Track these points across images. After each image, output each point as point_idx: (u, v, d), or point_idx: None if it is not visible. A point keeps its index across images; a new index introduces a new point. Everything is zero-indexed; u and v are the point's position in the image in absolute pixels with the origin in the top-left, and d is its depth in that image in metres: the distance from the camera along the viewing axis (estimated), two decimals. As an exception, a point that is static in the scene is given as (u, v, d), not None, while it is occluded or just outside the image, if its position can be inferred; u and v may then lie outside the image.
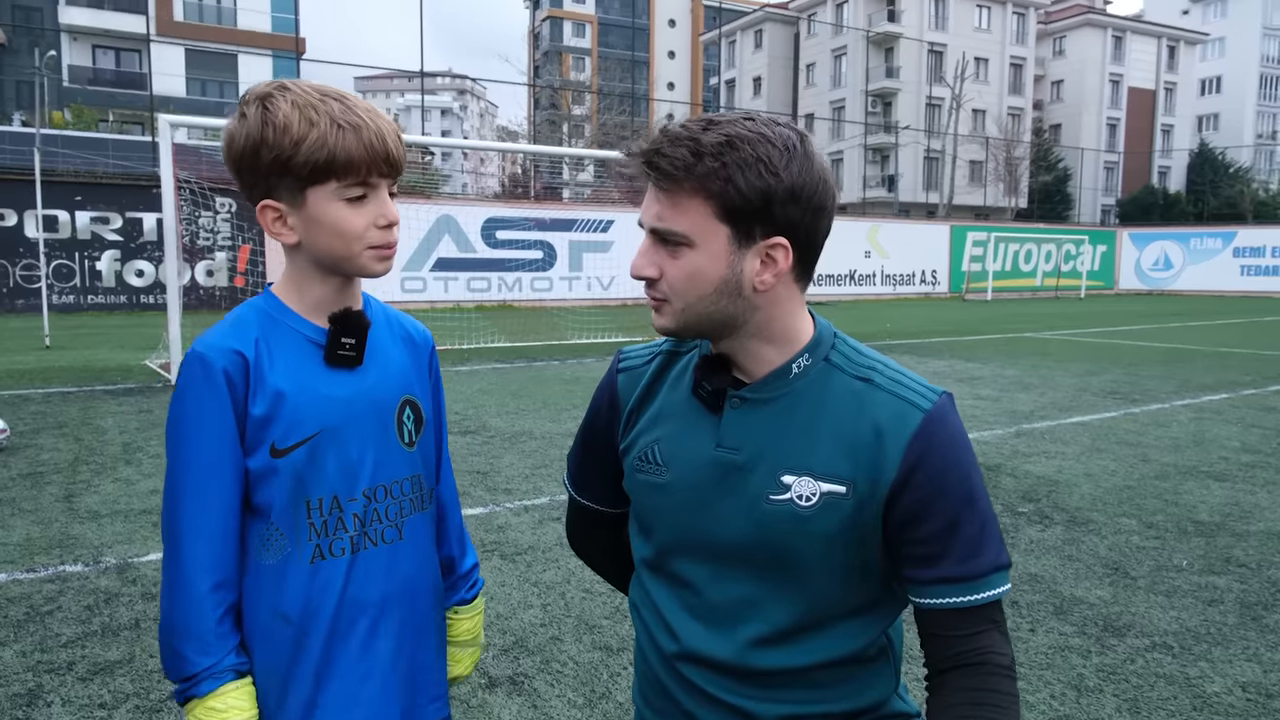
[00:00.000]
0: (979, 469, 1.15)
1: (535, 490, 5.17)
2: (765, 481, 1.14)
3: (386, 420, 1.28)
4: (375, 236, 1.19)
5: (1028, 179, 50.36)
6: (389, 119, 1.21)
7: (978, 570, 1.11)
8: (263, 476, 1.20)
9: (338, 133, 1.14)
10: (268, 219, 1.19)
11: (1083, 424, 7.33)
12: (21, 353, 11.34)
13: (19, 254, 18.25)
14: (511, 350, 12.56)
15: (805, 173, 1.08)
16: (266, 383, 1.19)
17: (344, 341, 1.23)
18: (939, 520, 1.10)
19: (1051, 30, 59.40)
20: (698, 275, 1.09)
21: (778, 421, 1.15)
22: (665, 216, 1.09)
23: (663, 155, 1.06)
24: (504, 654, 3.08)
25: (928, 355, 12.44)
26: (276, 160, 1.14)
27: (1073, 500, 5.03)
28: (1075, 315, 21.76)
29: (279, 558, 1.21)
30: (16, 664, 2.94)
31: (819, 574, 1.15)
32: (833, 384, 1.16)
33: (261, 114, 1.14)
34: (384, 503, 1.27)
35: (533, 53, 66.72)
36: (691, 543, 1.20)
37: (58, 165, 20.90)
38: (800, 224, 1.09)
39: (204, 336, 1.21)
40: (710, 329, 1.14)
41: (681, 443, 1.20)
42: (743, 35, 61.88)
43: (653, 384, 1.28)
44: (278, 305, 1.24)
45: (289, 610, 1.21)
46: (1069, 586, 3.72)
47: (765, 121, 1.09)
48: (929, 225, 32.83)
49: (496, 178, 52.50)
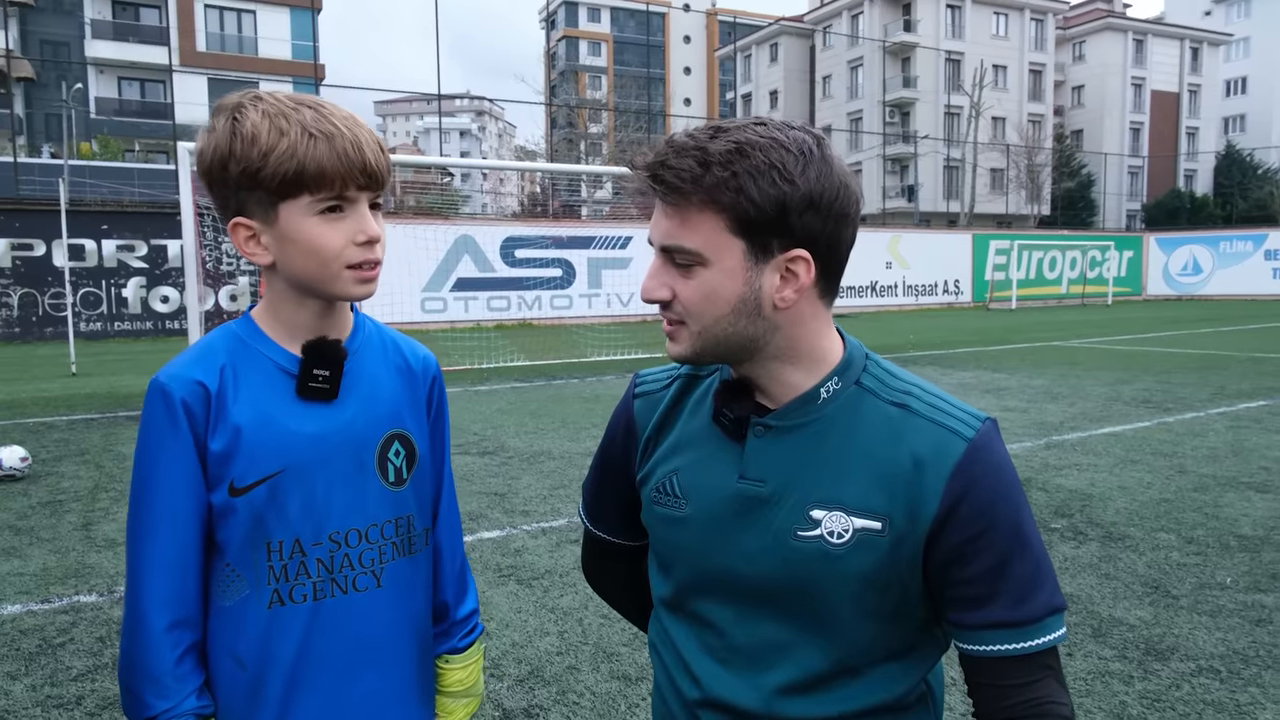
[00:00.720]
0: (1028, 502, 1.05)
1: (553, 512, 5.08)
2: (793, 516, 1.05)
3: (365, 458, 1.18)
4: (354, 254, 1.10)
5: (1050, 186, 49.87)
6: (369, 128, 1.13)
7: (1031, 614, 1.00)
8: (222, 515, 1.12)
9: (309, 142, 1.06)
10: (240, 238, 1.11)
11: (1115, 435, 7.14)
12: (48, 380, 11.45)
13: (48, 283, 18.51)
14: (531, 369, 12.51)
15: (823, 178, 0.99)
16: (228, 415, 1.11)
17: (316, 373, 1.15)
18: (986, 559, 1.00)
19: (1070, 35, 58.97)
20: (713, 295, 1.00)
21: (805, 451, 1.06)
22: (675, 233, 1.00)
23: (668, 167, 0.98)
24: (519, 684, 2.99)
25: (953, 366, 12.25)
26: (245, 173, 1.06)
27: (1107, 515, 4.87)
28: (1103, 322, 21.43)
29: (236, 599, 1.14)
30: (26, 699, 2.89)
31: (852, 616, 1.05)
32: (865, 410, 1.06)
33: (230, 125, 1.07)
34: (357, 548, 1.17)
35: (549, 72, 67.18)
36: (713, 581, 1.11)
37: (85, 195, 21.26)
38: (821, 234, 1.00)
39: (168, 365, 1.14)
40: (729, 353, 1.05)
41: (702, 474, 1.11)
42: (758, 49, 61.97)
43: (671, 410, 1.19)
44: (253, 330, 1.16)
45: (244, 655, 1.14)
46: (1107, 607, 3.58)
47: (778, 125, 1.00)
48: (951, 234, 32.56)
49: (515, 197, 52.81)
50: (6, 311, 18.35)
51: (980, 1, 52.37)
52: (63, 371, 12.11)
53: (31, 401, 9.54)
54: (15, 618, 3.59)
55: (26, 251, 18.47)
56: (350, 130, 1.09)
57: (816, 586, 1.04)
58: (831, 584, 1.03)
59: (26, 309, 18.48)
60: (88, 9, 36.95)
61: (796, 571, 1.04)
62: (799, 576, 1.04)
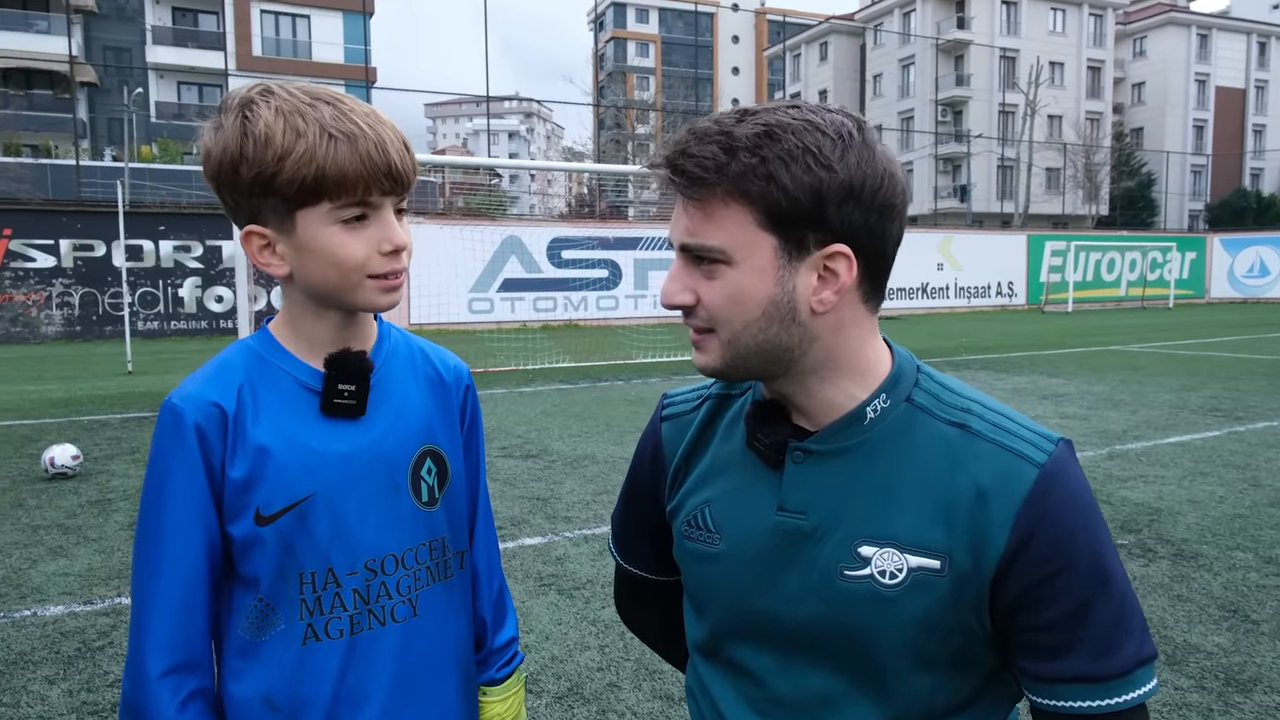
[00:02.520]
0: (1110, 536, 0.91)
1: (596, 518, 4.98)
2: (839, 553, 0.92)
3: (398, 478, 1.09)
4: (377, 264, 1.00)
5: (1108, 185, 48.57)
6: (392, 124, 1.02)
7: (1118, 667, 0.87)
8: (249, 546, 1.03)
9: (329, 144, 0.95)
10: (253, 247, 1.02)
11: (1182, 444, 6.82)
12: (104, 378, 11.69)
13: (107, 283, 18.98)
14: (575, 370, 12.45)
15: (865, 164, 0.86)
16: (248, 438, 1.02)
17: (341, 388, 1.05)
18: (1064, 603, 0.87)
19: (1131, 31, 57.39)
20: (740, 297, 0.88)
21: (851, 479, 0.93)
22: (697, 230, 0.88)
23: (689, 156, 0.86)
24: (558, 701, 2.89)
25: (1007, 371, 11.91)
26: (258, 178, 0.96)
27: (1178, 531, 4.62)
28: (1164, 326, 20.73)
29: (268, 635, 1.04)
30: (62, 704, 2.87)
31: (908, 666, 0.92)
32: (919, 431, 0.93)
33: (240, 124, 0.97)
34: (394, 575, 1.08)
35: (597, 74, 67.34)
36: (751, 625, 0.98)
37: (145, 197, 21.82)
38: (863, 227, 0.87)
39: (183, 384, 1.04)
40: (762, 365, 0.92)
41: (736, 505, 0.99)
42: (807, 48, 61.40)
43: (701, 433, 1.06)
44: (272, 345, 1.07)
45: (277, 696, 1.04)
46: (1181, 632, 3.36)
47: (813, 108, 0.88)
48: (1004, 235, 31.86)
49: (563, 198, 53.03)
50: (68, 310, 18.85)
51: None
52: (119, 369, 12.37)
53: (88, 399, 9.73)
54: (57, 619, 3.59)
55: (87, 252, 18.96)
56: (373, 129, 0.98)
57: (867, 633, 0.91)
58: (884, 630, 0.90)
59: (87, 308, 18.97)
60: (149, 15, 37.95)
61: (844, 616, 0.92)
62: (847, 621, 0.92)
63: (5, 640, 3.37)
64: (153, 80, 37.63)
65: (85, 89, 36.55)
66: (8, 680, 3.03)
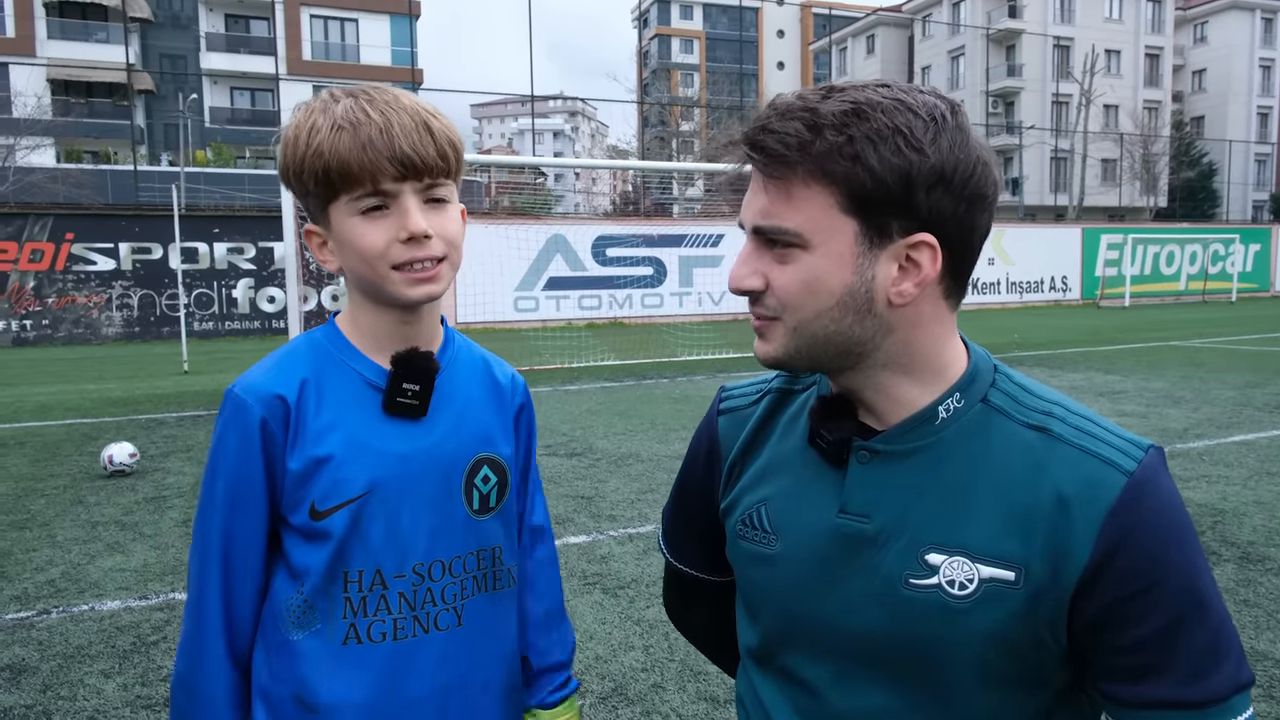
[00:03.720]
0: (1203, 551, 0.84)
1: (640, 517, 4.96)
2: (904, 560, 0.87)
3: (453, 483, 1.07)
4: (398, 253, 0.99)
5: (1167, 176, 47.18)
6: (418, 109, 1.01)
7: (1214, 692, 0.80)
8: (302, 539, 1.03)
9: (335, 136, 0.95)
10: (314, 245, 1.05)
11: (1247, 443, 6.58)
12: (161, 377, 11.99)
13: (164, 284, 19.47)
14: (620, 368, 12.45)
15: (958, 149, 0.81)
16: (309, 432, 1.01)
17: (406, 388, 1.04)
18: (1152, 622, 0.81)
19: (1191, 16, 55.65)
20: (815, 284, 0.83)
21: (920, 482, 0.88)
22: (773, 211, 0.83)
23: (770, 132, 0.81)
24: (602, 701, 2.86)
25: (1062, 367, 11.62)
26: (295, 178, 1.01)
27: (1243, 533, 4.45)
28: (1227, 321, 20.07)
29: (306, 633, 1.03)
30: (117, 698, 2.92)
31: (975, 684, 0.86)
32: (995, 434, 0.88)
33: (287, 139, 1.01)
34: (441, 582, 1.06)
35: (641, 71, 67.32)
36: (807, 633, 0.94)
37: (200, 201, 22.35)
38: (951, 217, 0.82)
39: (248, 374, 1.04)
40: (830, 358, 0.88)
41: (795, 505, 0.94)
42: (854, 41, 60.65)
43: (760, 429, 1.02)
44: (338, 338, 1.07)
45: (310, 697, 1.03)
46: (1248, 638, 3.23)
47: (904, 87, 0.83)
48: (1058, 229, 31.12)
49: (607, 196, 53.13)
50: (127, 312, 19.38)
51: (1091, -16, 49.94)
52: (175, 369, 12.67)
53: (145, 398, 9.98)
54: (113, 614, 3.67)
55: (145, 255, 19.47)
56: (382, 116, 0.97)
57: (932, 646, 0.86)
58: (950, 644, 0.85)
59: (145, 309, 19.49)
60: (203, 23, 38.88)
61: (907, 627, 0.86)
62: (910, 633, 0.86)
63: (64, 634, 3.45)
64: (206, 86, 38.55)
65: (142, 96, 37.54)
66: (65, 674, 3.10)
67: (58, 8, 34.71)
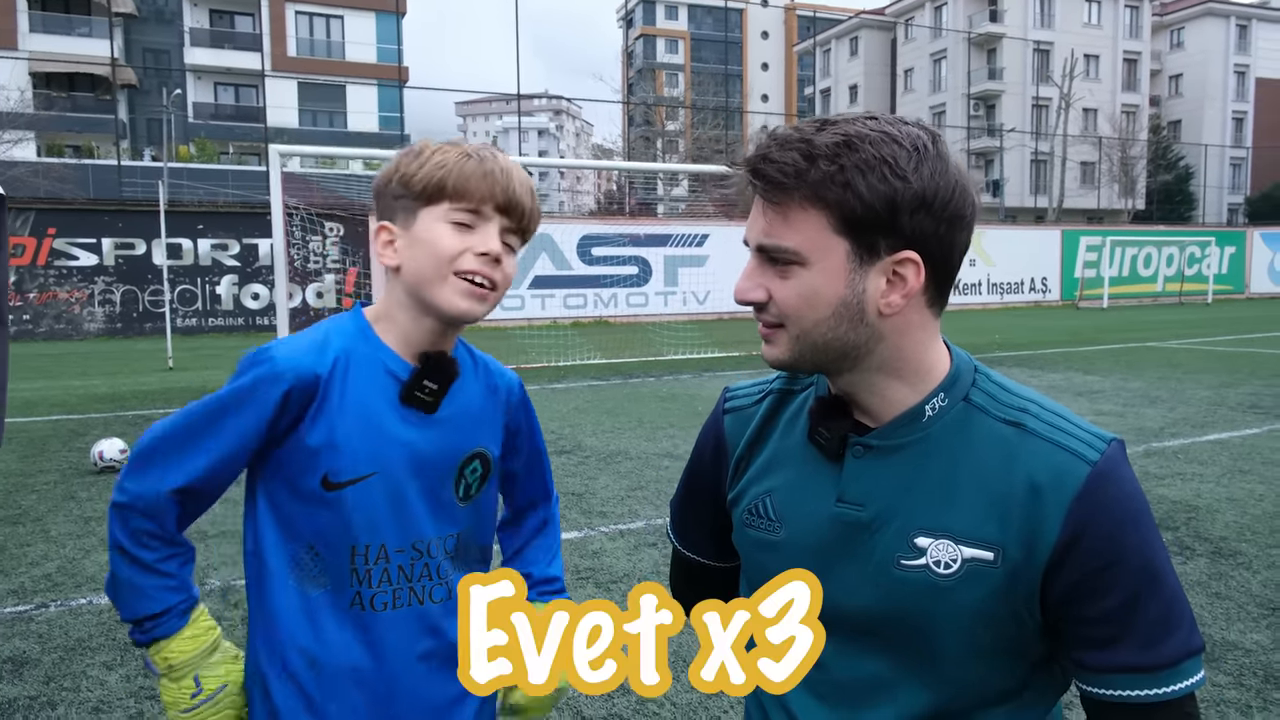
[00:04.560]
0: (1159, 533, 0.94)
1: (631, 514, 5.04)
2: (895, 543, 0.97)
3: (449, 472, 1.20)
4: (468, 262, 1.13)
5: (1145, 179, 47.77)
6: (526, 176, 1.18)
7: (1166, 657, 0.91)
8: (311, 503, 1.13)
9: (463, 161, 1.13)
10: (380, 241, 1.17)
11: (1221, 442, 6.75)
12: (146, 374, 11.95)
13: (147, 280, 19.36)
14: (607, 367, 12.53)
15: (938, 176, 0.91)
16: (331, 409, 1.12)
17: (426, 384, 1.17)
18: (1114, 596, 0.91)
19: (1168, 22, 56.35)
20: (812, 296, 0.93)
21: (909, 473, 0.98)
22: (773, 231, 0.93)
23: (770, 161, 0.91)
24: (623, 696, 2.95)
25: (1041, 367, 11.80)
26: (403, 180, 1.14)
27: (1216, 529, 4.59)
28: (1203, 322, 20.40)
29: (317, 593, 1.15)
30: (120, 689, 2.98)
31: (960, 654, 0.96)
32: (975, 429, 0.97)
33: (408, 152, 1.18)
34: (436, 559, 1.19)
35: (626, 71, 67.39)
36: None
37: (183, 196, 22.21)
38: (933, 236, 0.92)
39: (285, 343, 1.14)
40: (829, 360, 0.97)
41: (797, 495, 1.04)
42: (837, 43, 60.98)
43: (763, 427, 1.12)
44: (366, 329, 1.18)
45: (318, 654, 1.14)
46: (1220, 629, 3.35)
47: (890, 119, 0.93)
48: (1038, 230, 31.48)
49: (592, 195, 53.14)
50: (109, 307, 19.26)
51: (1072, -12, 50.45)
52: (160, 365, 12.63)
53: (131, 394, 9.96)
54: (111, 607, 3.71)
55: (128, 250, 19.35)
56: (504, 165, 1.15)
57: (921, 620, 0.96)
58: (938, 618, 0.95)
59: (127, 305, 19.37)
60: (187, 18, 38.58)
61: (899, 603, 0.97)
62: (902, 609, 0.97)
63: (63, 627, 3.49)
64: (190, 81, 38.28)
65: (125, 90, 37.23)
66: (67, 665, 3.15)
67: (40, 1, 34.36)
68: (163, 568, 1.12)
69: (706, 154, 41.08)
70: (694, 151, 43.75)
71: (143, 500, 1.10)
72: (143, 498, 1.10)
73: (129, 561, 1.11)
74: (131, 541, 1.10)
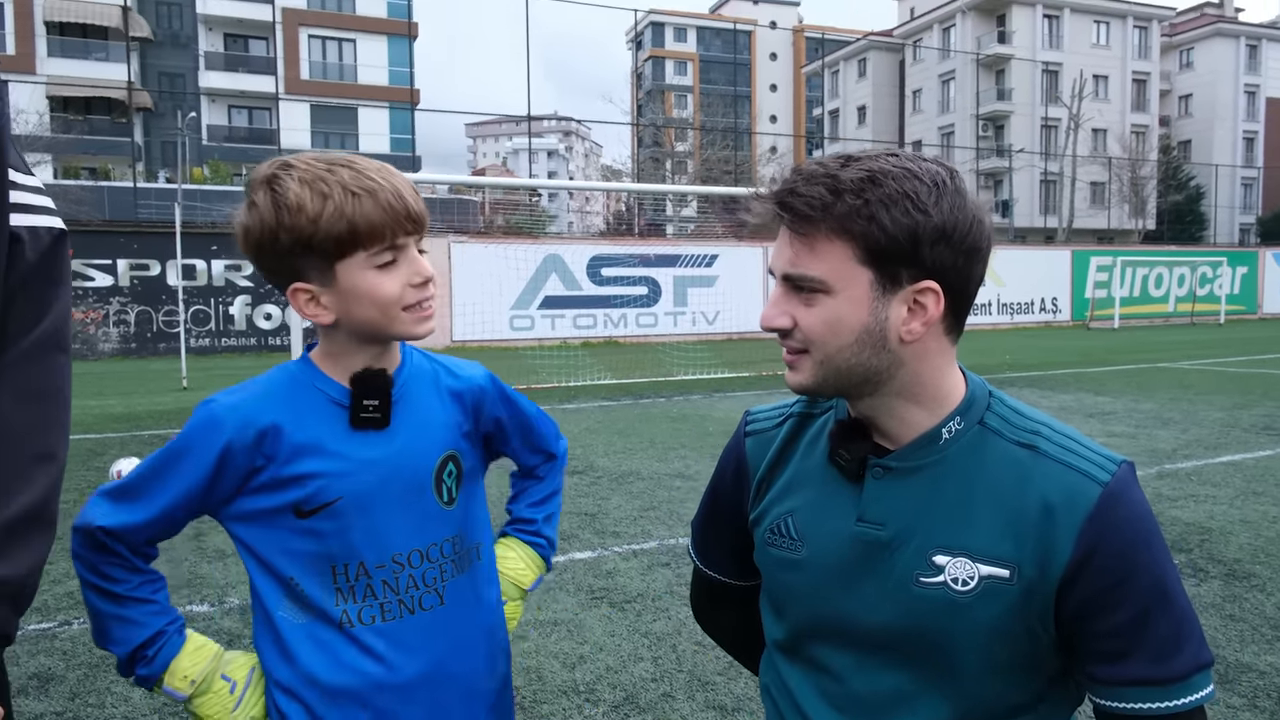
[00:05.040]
0: (1169, 552, 0.99)
1: (644, 534, 5.07)
2: (914, 561, 1.01)
3: (422, 481, 1.23)
4: (411, 296, 1.15)
5: (1155, 199, 47.74)
6: (400, 175, 1.18)
7: (1176, 672, 0.95)
8: (291, 535, 1.17)
9: (353, 201, 1.10)
10: (299, 302, 1.15)
11: (1234, 464, 6.73)
12: (161, 393, 12.06)
13: (161, 301, 19.54)
14: (618, 387, 12.57)
15: (957, 210, 0.96)
16: (287, 447, 1.16)
17: (366, 404, 1.19)
18: (1124, 612, 0.95)
19: (1177, 43, 56.51)
20: (837, 323, 0.98)
21: (927, 494, 1.02)
22: (800, 262, 0.98)
23: (797, 195, 0.97)
24: (614, 710, 2.97)
25: (1052, 388, 11.79)
26: (297, 241, 1.10)
27: (1230, 551, 4.59)
28: (1215, 343, 20.32)
29: (306, 619, 1.19)
30: (144, 705, 3.02)
31: (978, 668, 1.00)
32: (990, 452, 1.02)
33: (271, 198, 1.11)
34: (420, 568, 1.22)
35: (635, 92, 67.88)
36: (831, 626, 1.08)
37: (197, 218, 22.42)
38: (952, 267, 0.97)
39: (229, 394, 1.18)
40: (851, 385, 1.02)
41: (818, 515, 1.09)
42: (846, 65, 61.32)
43: (784, 449, 1.16)
44: (310, 369, 1.21)
45: (320, 675, 1.18)
46: (1234, 651, 3.36)
47: (911, 156, 0.99)
48: (1048, 250, 31.47)
49: (601, 215, 53.41)
50: (124, 328, 19.43)
51: (1079, 10, 50.66)
52: (174, 385, 12.75)
53: (146, 414, 10.05)
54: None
55: (143, 271, 19.54)
56: (387, 181, 1.13)
57: (940, 636, 1.00)
58: (956, 634, 0.99)
59: (142, 325, 19.54)
60: (202, 42, 39.13)
61: (919, 620, 1.01)
62: (921, 625, 1.01)
63: (87, 644, 3.54)
64: (204, 104, 38.77)
65: (140, 114, 37.70)
66: (91, 682, 3.19)
67: (58, 26, 34.90)
68: (138, 594, 1.14)
69: (715, 175, 41.29)
70: (703, 172, 43.97)
71: (101, 533, 1.13)
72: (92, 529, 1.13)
73: (100, 595, 1.13)
74: (96, 575, 1.13)
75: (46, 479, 1.03)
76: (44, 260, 1.08)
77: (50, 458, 1.05)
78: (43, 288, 1.08)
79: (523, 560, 1.41)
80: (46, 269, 1.08)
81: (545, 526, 1.45)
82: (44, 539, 1.03)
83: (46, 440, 1.05)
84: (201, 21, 38.96)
